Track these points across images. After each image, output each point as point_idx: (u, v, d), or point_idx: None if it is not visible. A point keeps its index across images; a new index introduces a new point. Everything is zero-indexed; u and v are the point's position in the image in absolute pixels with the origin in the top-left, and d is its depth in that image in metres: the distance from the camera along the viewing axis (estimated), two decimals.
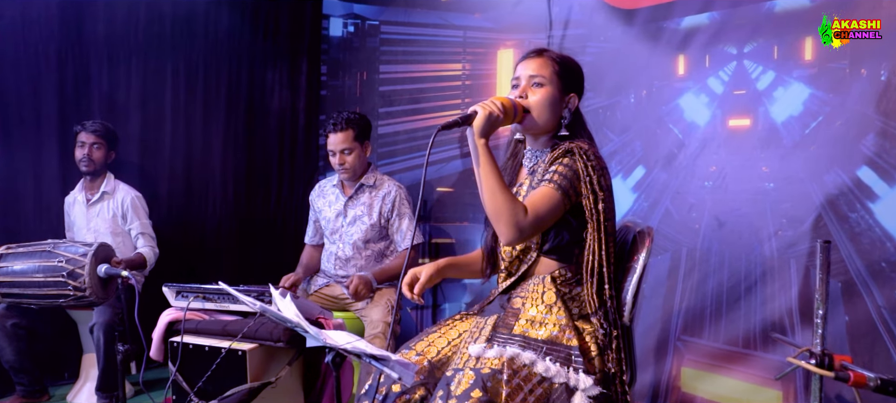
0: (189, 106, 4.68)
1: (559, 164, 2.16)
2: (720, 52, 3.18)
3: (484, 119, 2.10)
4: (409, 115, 4.51)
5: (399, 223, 3.79)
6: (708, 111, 3.21)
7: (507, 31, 4.03)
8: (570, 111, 2.28)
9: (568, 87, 2.29)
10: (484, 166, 2.10)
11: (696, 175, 3.23)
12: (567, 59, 2.32)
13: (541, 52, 2.32)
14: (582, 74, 2.33)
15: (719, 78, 3.18)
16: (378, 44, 4.69)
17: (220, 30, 4.75)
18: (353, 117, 3.74)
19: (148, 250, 4.07)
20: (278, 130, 5.00)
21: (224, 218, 4.82)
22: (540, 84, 2.24)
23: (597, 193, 2.16)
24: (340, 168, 3.78)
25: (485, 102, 2.13)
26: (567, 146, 2.19)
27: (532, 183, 2.26)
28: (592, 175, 2.16)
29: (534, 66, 2.27)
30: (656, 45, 3.37)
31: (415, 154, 4.50)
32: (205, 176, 4.77)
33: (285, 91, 5.00)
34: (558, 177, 2.14)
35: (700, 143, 3.23)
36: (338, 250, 3.91)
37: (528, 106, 2.23)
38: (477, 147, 2.11)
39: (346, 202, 3.87)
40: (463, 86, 4.26)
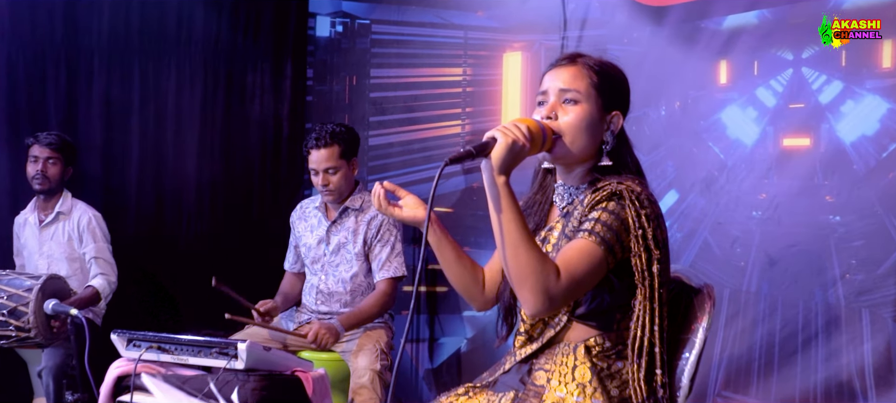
0: (160, 113, 4.35)
1: (602, 210, 1.70)
2: (772, 58, 2.81)
3: (505, 149, 1.63)
4: (402, 125, 4.20)
5: (380, 249, 3.30)
6: (757, 127, 2.85)
7: (514, 32, 3.72)
8: (612, 134, 1.81)
9: (610, 103, 1.81)
10: (505, 212, 1.64)
11: (742, 203, 2.87)
12: (608, 67, 1.84)
13: (574, 59, 1.83)
14: (627, 85, 1.86)
15: (771, 88, 2.82)
16: (369, 45, 4.40)
17: (195, 29, 4.42)
18: (338, 131, 3.25)
19: (101, 280, 3.64)
20: (260, 139, 4.64)
21: (199, 237, 4.47)
22: (574, 100, 1.77)
23: (651, 251, 1.70)
24: (324, 189, 3.29)
25: (505, 126, 1.67)
26: (613, 187, 1.72)
27: (566, 229, 1.80)
28: (646, 227, 1.69)
29: (566, 77, 1.79)
30: (692, 49, 2.99)
31: (409, 169, 4.17)
32: (177, 190, 4.42)
33: (267, 96, 4.65)
34: (601, 228, 1.68)
35: (747, 166, 2.88)
36: (320, 282, 3.42)
37: (559, 129, 1.77)
38: (495, 186, 1.64)
39: (328, 227, 3.37)
40: (464, 94, 3.92)
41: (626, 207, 1.68)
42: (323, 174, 3.25)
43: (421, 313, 4.05)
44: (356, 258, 3.34)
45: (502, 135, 1.64)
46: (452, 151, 1.60)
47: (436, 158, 4.01)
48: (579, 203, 1.79)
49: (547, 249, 1.82)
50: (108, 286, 3.64)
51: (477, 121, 3.83)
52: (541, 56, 3.54)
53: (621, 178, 1.75)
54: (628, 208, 1.68)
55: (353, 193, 3.35)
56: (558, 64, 1.82)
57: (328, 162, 3.23)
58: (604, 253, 1.66)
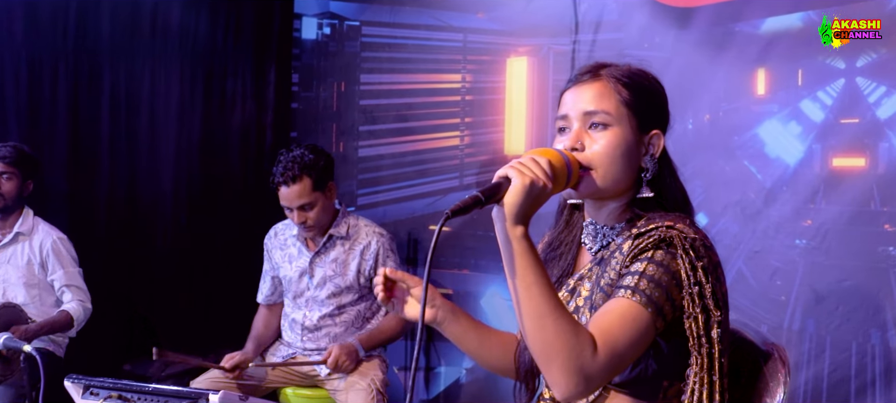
0: (132, 121, 4.09)
1: (648, 261, 1.37)
2: (820, 66, 2.52)
3: (522, 193, 1.33)
4: (395, 136, 3.95)
5: None
6: (801, 145, 2.58)
7: (518, 35, 3.45)
8: (653, 158, 1.48)
9: (647, 122, 1.49)
10: (524, 274, 1.33)
11: (784, 230, 2.59)
12: (640, 77, 1.50)
13: (597, 73, 1.50)
14: (665, 96, 1.53)
15: (818, 100, 2.54)
16: (358, 48, 4.15)
17: (171, 30, 4.17)
18: (308, 160, 2.84)
19: (76, 305, 3.32)
20: (241, 150, 4.39)
21: (175, 256, 4.22)
22: (603, 124, 1.46)
23: (710, 312, 1.38)
24: (303, 227, 2.92)
25: (521, 163, 1.36)
26: (660, 231, 1.38)
27: (600, 281, 1.46)
28: (704, 282, 1.36)
29: (590, 95, 1.48)
30: (724, 55, 2.72)
31: (402, 183, 3.91)
32: (151, 206, 4.17)
33: (250, 103, 4.41)
34: (647, 285, 1.35)
35: (789, 188, 2.60)
36: (304, 318, 3.08)
37: (588, 161, 1.46)
38: (510, 239, 1.34)
39: (311, 259, 3.01)
40: (463, 102, 3.66)
41: (679, 257, 1.35)
42: (298, 211, 2.87)
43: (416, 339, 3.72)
44: (345, 291, 2.98)
45: (517, 175, 1.33)
46: (455, 201, 1.27)
47: (431, 172, 3.75)
48: (617, 248, 1.45)
49: (577, 304, 1.48)
50: (83, 312, 3.31)
51: (477, 133, 3.57)
52: (549, 62, 3.28)
53: (667, 217, 1.42)
54: (681, 259, 1.35)
55: (335, 220, 2.99)
56: (579, 80, 1.49)
57: (301, 198, 2.84)
58: (651, 317, 1.34)
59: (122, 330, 3.92)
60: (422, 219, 3.78)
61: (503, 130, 3.43)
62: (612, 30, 3.03)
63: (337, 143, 4.14)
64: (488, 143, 3.49)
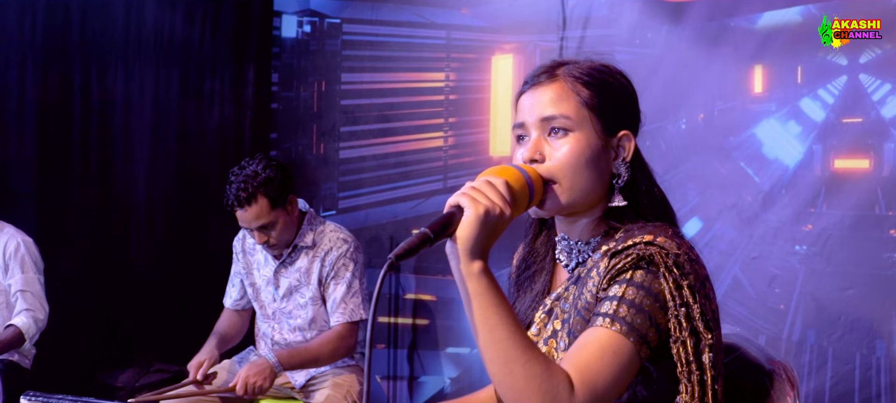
0: (104, 122, 3.92)
1: (627, 284, 1.22)
2: (820, 63, 2.39)
3: (476, 224, 1.19)
4: (377, 137, 3.76)
5: (334, 288, 2.75)
6: (801, 145, 2.45)
7: (504, 32, 3.29)
8: (624, 163, 1.33)
9: (613, 123, 1.33)
10: (485, 314, 1.19)
11: (783, 235, 2.46)
12: (601, 73, 1.34)
13: (553, 72, 1.34)
14: (632, 92, 1.37)
15: (819, 99, 2.40)
16: (339, 47, 3.97)
17: (145, 27, 4.00)
18: (261, 178, 2.63)
19: (26, 317, 3.10)
20: (219, 152, 4.20)
21: (150, 262, 4.04)
22: (563, 129, 1.31)
23: (700, 335, 1.23)
24: (265, 246, 2.73)
25: (474, 189, 1.22)
26: (639, 248, 1.23)
27: (578, 303, 1.29)
28: (692, 302, 1.22)
29: (546, 99, 1.32)
30: (719, 52, 2.58)
31: (384, 185, 3.72)
32: (124, 211, 4.00)
33: (227, 104, 4.23)
34: (627, 311, 1.21)
35: (789, 191, 2.46)
36: (273, 332, 2.91)
37: (549, 174, 1.30)
38: (466, 277, 1.19)
39: (276, 269, 2.83)
40: (446, 102, 3.49)
41: (661, 276, 1.21)
42: (258, 232, 2.67)
43: (399, 347, 3.58)
44: (311, 302, 2.79)
45: (470, 204, 1.18)
46: (401, 244, 1.12)
47: (414, 174, 3.57)
48: (594, 265, 1.29)
49: (554, 327, 1.33)
50: (33, 325, 3.09)
51: (461, 133, 3.40)
52: (536, 59, 3.12)
53: (646, 229, 1.27)
54: (664, 278, 1.21)
55: (300, 229, 2.79)
56: (535, 82, 1.33)
57: (259, 219, 2.64)
58: (634, 347, 1.19)
59: (93, 339, 3.75)
60: (404, 223, 3.61)
61: (488, 131, 3.28)
62: (602, 26, 2.89)
63: (317, 145, 3.97)
64: (473, 144, 3.33)
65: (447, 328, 3.43)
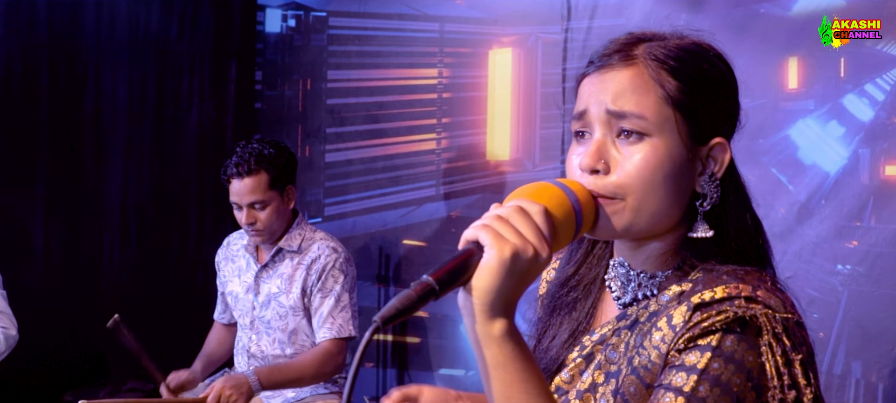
0: (73, 122, 3.74)
1: (712, 353, 0.90)
2: (868, 54, 2.11)
3: (500, 272, 0.87)
4: (365, 138, 3.55)
5: (321, 301, 2.54)
6: (844, 149, 2.18)
7: (502, 23, 3.05)
8: (713, 180, 0.99)
9: (706, 126, 1.00)
10: (509, 390, 0.89)
11: (823, 252, 2.19)
12: (696, 57, 1.00)
13: (631, 50, 1.00)
14: (731, 79, 1.03)
15: (867, 95, 2.13)
16: (326, 42, 3.77)
17: (119, 22, 3.83)
18: (267, 153, 2.52)
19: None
20: (199, 154, 4.06)
21: (124, 272, 3.88)
22: (638, 133, 0.97)
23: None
24: (250, 228, 2.54)
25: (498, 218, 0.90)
26: (737, 306, 0.90)
27: (634, 360, 0.98)
28: (803, 384, 0.90)
29: (618, 87, 0.99)
30: (746, 43, 2.29)
31: (373, 191, 3.50)
32: (97, 217, 3.83)
33: (208, 103, 4.08)
34: (709, 390, 0.89)
35: (830, 202, 2.20)
36: (251, 343, 2.69)
37: (615, 190, 0.98)
38: (484, 340, 0.89)
39: (257, 273, 2.63)
40: (440, 100, 3.27)
41: (763, 347, 0.89)
42: (247, 209, 2.50)
43: (388, 367, 3.37)
44: (292, 312, 2.56)
45: (494, 243, 0.87)
46: (393, 301, 0.80)
47: (405, 179, 3.34)
48: (662, 310, 0.97)
49: (594, 379, 1.02)
50: (3, 341, 2.90)
51: (456, 135, 3.17)
52: (537, 53, 2.87)
53: (736, 274, 0.95)
54: (768, 349, 0.89)
55: (288, 230, 2.57)
56: (604, 62, 1.00)
57: (253, 194, 2.48)
58: None
59: (62, 355, 3.58)
60: (395, 232, 3.39)
61: (485, 132, 3.05)
62: (611, 15, 2.63)
63: (303, 147, 3.75)
64: (469, 147, 3.11)
65: (440, 347, 3.19)
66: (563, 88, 2.72)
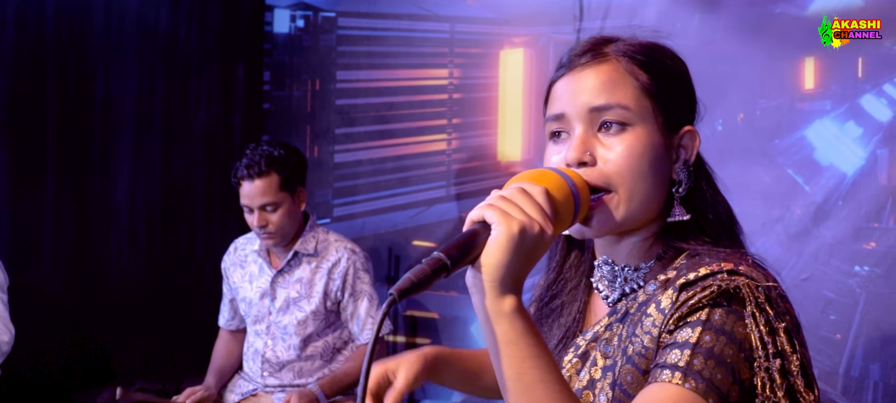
0: (82, 122, 3.67)
1: (702, 327, 0.92)
2: (886, 54, 2.07)
3: (508, 247, 0.89)
4: (375, 139, 3.49)
5: (354, 305, 2.53)
6: (862, 150, 2.15)
7: (514, 24, 3.00)
8: (686, 166, 1.05)
9: (676, 115, 1.05)
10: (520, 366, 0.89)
11: (840, 254, 2.15)
12: (661, 54, 1.06)
13: (600, 51, 1.05)
14: (689, 75, 1.09)
15: (885, 96, 2.09)
16: (335, 42, 3.70)
17: (127, 22, 3.77)
18: (277, 155, 2.48)
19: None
20: (207, 155, 3.99)
21: (131, 273, 3.81)
22: (620, 123, 1.02)
23: (799, 395, 0.92)
24: (262, 231, 2.50)
25: (503, 199, 0.91)
26: (721, 278, 0.93)
27: (628, 348, 0.99)
28: (789, 352, 0.92)
29: (596, 83, 1.03)
30: (762, 43, 2.28)
31: (382, 192, 3.44)
32: (104, 218, 3.76)
33: (216, 104, 4.02)
34: (704, 363, 0.91)
35: (847, 203, 2.15)
36: (265, 348, 2.64)
37: (604, 181, 1.01)
38: (494, 317, 0.89)
39: (273, 278, 2.58)
40: (450, 101, 3.20)
41: (748, 317, 0.91)
42: (259, 212, 2.47)
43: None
44: (312, 317, 2.53)
45: (501, 220, 0.89)
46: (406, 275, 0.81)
47: (415, 180, 3.29)
48: (650, 299, 0.99)
49: (591, 376, 1.03)
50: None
51: (466, 136, 3.13)
52: (548, 54, 2.85)
53: (718, 254, 0.98)
54: (752, 319, 0.91)
55: (302, 233, 2.55)
56: (576, 63, 1.03)
57: (264, 196, 2.45)
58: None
59: (70, 357, 3.52)
60: (404, 233, 3.33)
61: (496, 133, 3.00)
62: (624, 15, 2.59)
63: (311, 148, 3.70)
64: (479, 147, 3.06)
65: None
66: None
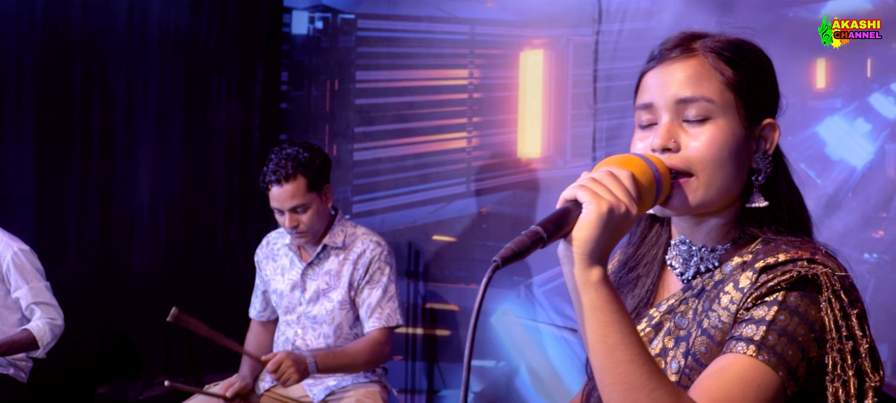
0: (105, 121, 3.77)
1: (778, 307, 1.02)
2: (894, 55, 2.17)
3: (597, 224, 1.00)
4: (394, 138, 3.58)
5: (369, 292, 2.63)
6: (871, 145, 2.24)
7: (533, 26, 3.08)
8: (766, 156, 1.13)
9: (758, 108, 1.13)
10: (605, 331, 1.00)
11: (850, 242, 2.23)
12: (747, 50, 1.15)
13: (690, 45, 1.13)
14: (773, 70, 1.17)
15: (893, 94, 2.20)
16: (354, 43, 3.77)
17: (150, 24, 3.85)
18: (303, 158, 2.56)
19: (42, 324, 2.93)
20: (226, 154, 4.09)
21: (154, 268, 3.90)
22: (703, 116, 1.10)
23: (866, 376, 1.03)
24: (294, 232, 2.60)
25: (594, 181, 1.02)
26: (800, 267, 1.03)
27: (704, 322, 1.09)
28: (859, 336, 1.02)
29: (683, 77, 1.12)
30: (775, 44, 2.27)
31: (401, 189, 3.54)
32: (128, 213, 3.86)
33: (235, 103, 4.10)
34: (777, 339, 1.01)
35: (857, 194, 2.26)
36: (296, 337, 2.74)
37: (686, 165, 1.10)
38: (582, 286, 1.00)
39: (304, 270, 2.68)
40: (470, 101, 3.28)
41: (824, 302, 1.02)
42: (290, 214, 2.55)
43: (417, 359, 3.44)
44: (339, 306, 2.64)
45: (591, 199, 0.99)
46: (509, 244, 0.93)
47: (434, 177, 3.39)
48: (728, 278, 1.09)
49: (664, 344, 1.13)
50: (49, 331, 2.93)
51: (486, 134, 3.22)
52: (568, 55, 2.92)
53: (793, 243, 1.08)
54: (828, 304, 1.02)
55: (331, 227, 2.66)
56: (666, 57, 1.12)
57: (294, 198, 2.54)
58: (781, 382, 1.00)
59: (95, 349, 3.60)
60: (424, 228, 3.41)
61: (516, 131, 3.08)
62: (642, 18, 2.68)
63: (330, 146, 3.79)
64: (499, 145, 3.14)
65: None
66: (595, 88, 2.77)
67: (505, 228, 3.11)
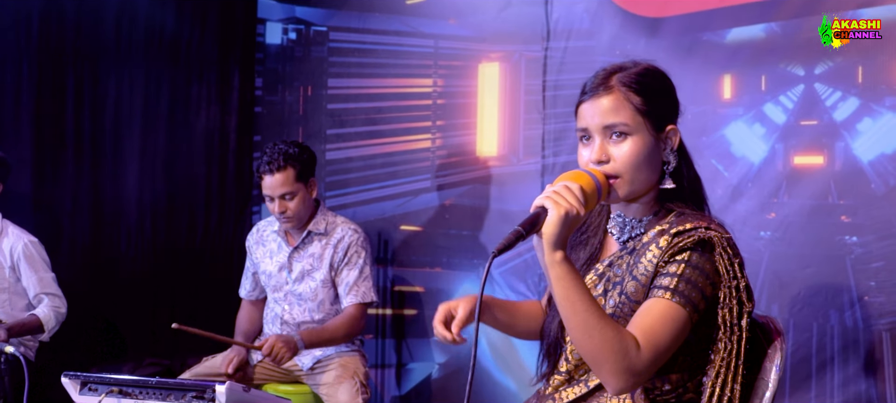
0: (96, 124, 3.98)
1: (685, 264, 1.50)
2: (781, 73, 2.61)
3: (558, 223, 1.45)
4: (364, 139, 3.88)
5: (347, 272, 3.02)
6: (765, 145, 2.65)
7: (490, 41, 3.43)
8: (672, 151, 1.60)
9: (662, 121, 1.59)
10: (569, 292, 1.46)
11: (749, 223, 2.66)
12: (648, 79, 1.60)
13: (608, 84, 1.57)
14: (673, 88, 1.64)
15: (780, 104, 2.62)
16: (326, 53, 4.06)
17: (136, 32, 4.06)
18: (292, 152, 2.95)
19: (48, 311, 3.24)
20: (205, 153, 4.31)
21: (140, 261, 4.11)
22: (624, 133, 1.55)
23: (744, 304, 1.53)
24: (282, 217, 2.98)
25: (556, 193, 1.47)
26: (700, 232, 1.50)
27: (634, 271, 1.56)
28: (740, 276, 1.53)
29: (605, 107, 1.56)
30: (692, 62, 2.77)
31: (370, 185, 3.85)
32: (116, 209, 4.06)
33: (213, 107, 4.32)
34: (685, 286, 1.49)
35: (754, 184, 2.67)
36: (283, 312, 3.12)
37: (614, 171, 1.56)
38: (551, 265, 1.47)
39: (290, 254, 3.07)
40: (434, 106, 3.62)
41: (717, 255, 1.49)
42: (279, 201, 2.95)
43: (387, 337, 3.78)
44: (322, 286, 3.05)
45: (554, 206, 1.44)
46: (500, 241, 1.40)
47: (401, 174, 3.73)
48: (651, 241, 1.55)
49: (606, 287, 1.61)
50: (54, 317, 3.25)
51: (449, 135, 3.57)
52: (521, 67, 3.29)
53: (696, 215, 1.55)
54: (719, 256, 1.49)
55: (314, 216, 3.06)
56: (593, 93, 1.57)
57: (283, 187, 2.92)
58: (688, 315, 1.48)
59: (87, 335, 3.83)
60: (392, 219, 3.73)
61: (475, 133, 3.43)
62: (584, 37, 3.06)
63: None
64: (460, 145, 3.48)
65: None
66: (544, 96, 3.14)
67: (465, 218, 3.45)
